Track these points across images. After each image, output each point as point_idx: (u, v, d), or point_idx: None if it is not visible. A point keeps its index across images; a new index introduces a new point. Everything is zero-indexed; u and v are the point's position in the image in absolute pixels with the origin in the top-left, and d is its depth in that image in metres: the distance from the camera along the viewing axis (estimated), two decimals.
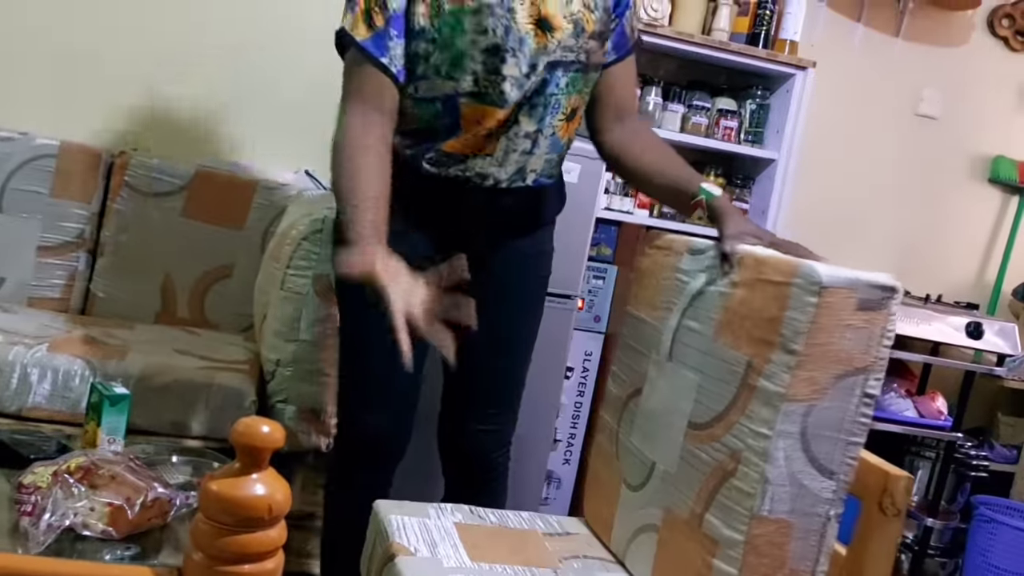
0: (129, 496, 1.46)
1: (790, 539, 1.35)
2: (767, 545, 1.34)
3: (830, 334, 1.34)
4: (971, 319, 3.05)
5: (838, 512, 1.37)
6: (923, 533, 3.26)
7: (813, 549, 1.36)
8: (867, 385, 1.37)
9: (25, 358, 2.04)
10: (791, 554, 1.35)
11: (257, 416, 0.97)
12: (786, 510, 1.34)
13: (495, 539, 1.68)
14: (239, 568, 0.94)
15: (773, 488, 1.33)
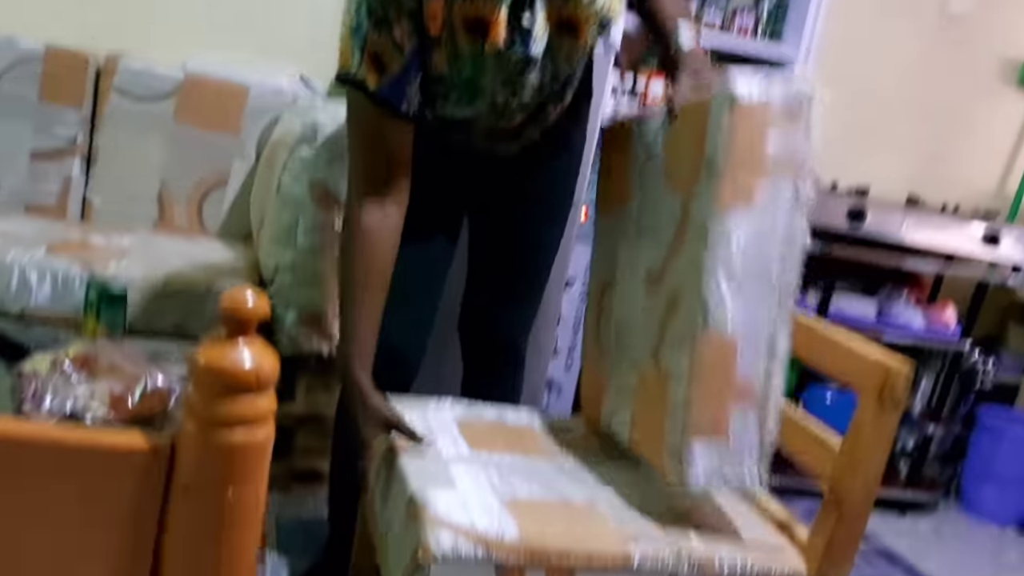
0: (129, 384, 1.47)
1: (736, 355, 1.37)
2: (713, 364, 1.37)
3: (751, 146, 1.34)
4: (988, 227, 3.03)
5: (784, 321, 1.40)
6: (923, 440, 3.28)
7: (761, 363, 1.39)
8: (797, 190, 1.37)
9: (23, 260, 2.04)
10: (739, 370, 1.38)
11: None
12: (728, 327, 1.37)
13: (494, 432, 1.69)
14: (231, 434, 0.94)
15: (713, 307, 1.36)
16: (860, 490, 1.42)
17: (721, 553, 1.39)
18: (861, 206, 2.86)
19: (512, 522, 1.34)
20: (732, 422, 1.40)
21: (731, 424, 1.40)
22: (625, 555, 1.34)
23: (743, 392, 1.39)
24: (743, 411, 1.40)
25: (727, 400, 1.39)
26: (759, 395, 1.40)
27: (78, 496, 0.95)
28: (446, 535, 1.29)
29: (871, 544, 2.90)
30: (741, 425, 1.40)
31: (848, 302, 3.09)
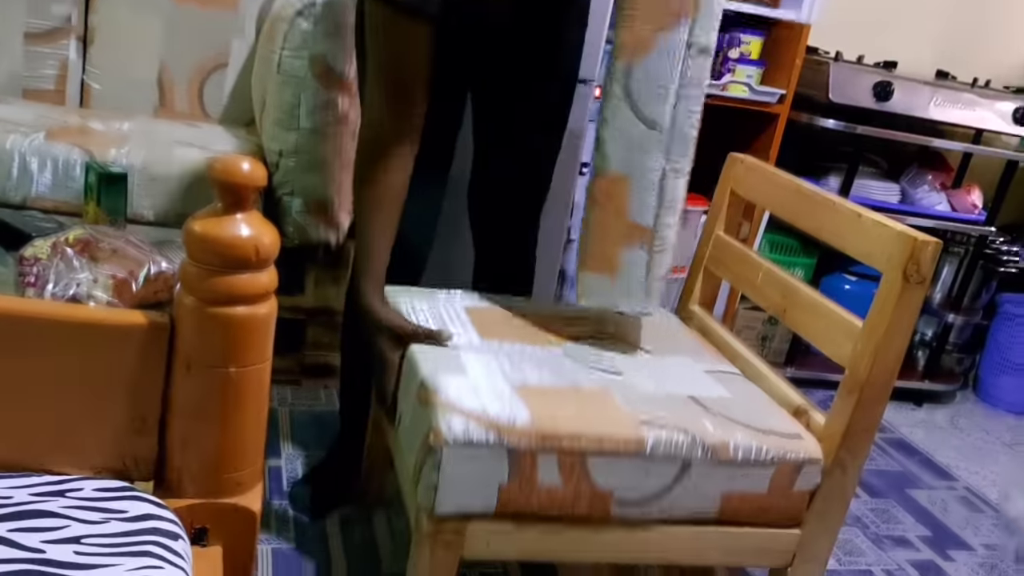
0: (132, 269, 1.44)
1: (627, 197, 1.50)
2: (605, 203, 1.51)
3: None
4: (1020, 104, 2.92)
5: (677, 171, 1.51)
6: (942, 329, 3.25)
7: (651, 207, 1.51)
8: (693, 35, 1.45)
9: (23, 146, 1.99)
10: (629, 212, 1.51)
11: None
12: (618, 169, 1.49)
13: (504, 321, 1.66)
14: (231, 310, 0.91)
15: (608, 151, 1.49)
16: (880, 371, 1.39)
17: (736, 438, 1.37)
18: (888, 81, 2.76)
19: (523, 407, 1.32)
20: (621, 259, 1.53)
21: (621, 261, 1.53)
22: (639, 439, 1.32)
23: (633, 232, 1.52)
24: (632, 249, 1.53)
25: (617, 239, 1.53)
26: (650, 237, 1.52)
27: (80, 371, 0.92)
28: (458, 420, 1.27)
29: (887, 435, 2.90)
30: (630, 264, 1.54)
31: (871, 185, 3.03)
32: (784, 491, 1.42)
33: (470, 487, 1.28)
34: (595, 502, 1.34)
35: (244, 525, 1.01)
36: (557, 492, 1.32)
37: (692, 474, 1.35)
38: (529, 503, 1.32)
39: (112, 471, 0.98)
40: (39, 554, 0.80)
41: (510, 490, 1.30)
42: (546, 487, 1.31)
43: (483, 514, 1.31)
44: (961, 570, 2.17)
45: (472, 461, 1.27)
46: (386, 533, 1.89)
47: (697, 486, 1.37)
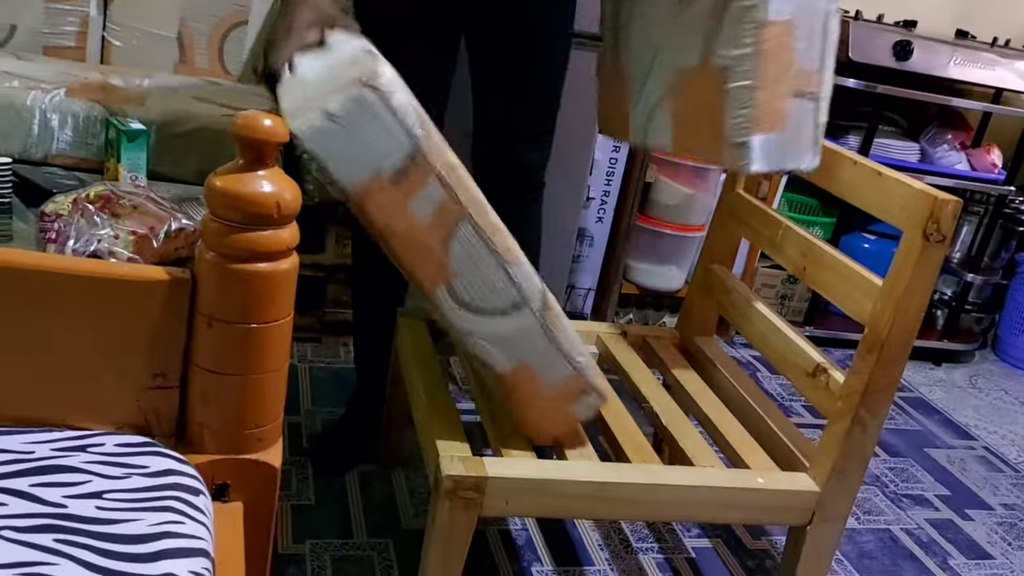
0: (153, 225, 1.44)
1: (794, 39, 1.41)
2: (775, 48, 1.40)
3: None
4: None
5: (837, 7, 1.45)
6: (962, 288, 3.23)
7: (817, 48, 1.44)
8: None
9: (43, 103, 1.99)
10: (798, 57, 1.43)
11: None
12: (789, 9, 1.39)
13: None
14: (253, 266, 0.91)
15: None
16: (900, 330, 1.38)
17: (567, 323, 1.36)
18: (907, 41, 2.73)
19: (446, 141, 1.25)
20: (791, 113, 1.45)
21: (790, 116, 1.45)
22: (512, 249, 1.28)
23: (802, 80, 1.44)
24: (802, 100, 1.45)
25: (786, 89, 1.43)
26: (816, 82, 1.45)
27: (102, 326, 0.93)
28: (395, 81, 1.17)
29: (906, 394, 2.89)
30: (799, 115, 1.45)
31: (890, 144, 3.00)
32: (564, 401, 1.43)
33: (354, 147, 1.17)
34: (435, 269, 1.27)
35: (265, 481, 1.01)
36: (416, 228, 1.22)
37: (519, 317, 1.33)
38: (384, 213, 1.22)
39: (133, 426, 0.99)
40: (61, 509, 0.81)
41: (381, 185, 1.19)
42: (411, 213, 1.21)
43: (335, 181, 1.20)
44: (980, 529, 2.18)
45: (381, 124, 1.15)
46: (404, 490, 1.91)
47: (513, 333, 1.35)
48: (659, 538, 1.91)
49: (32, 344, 0.92)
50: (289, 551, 1.67)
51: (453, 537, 1.34)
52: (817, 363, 1.53)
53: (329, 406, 2.15)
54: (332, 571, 1.64)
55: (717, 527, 1.99)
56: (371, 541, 1.74)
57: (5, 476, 0.83)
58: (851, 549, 2.00)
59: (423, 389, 1.55)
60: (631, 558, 1.83)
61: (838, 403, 1.45)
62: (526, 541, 1.82)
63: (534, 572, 1.74)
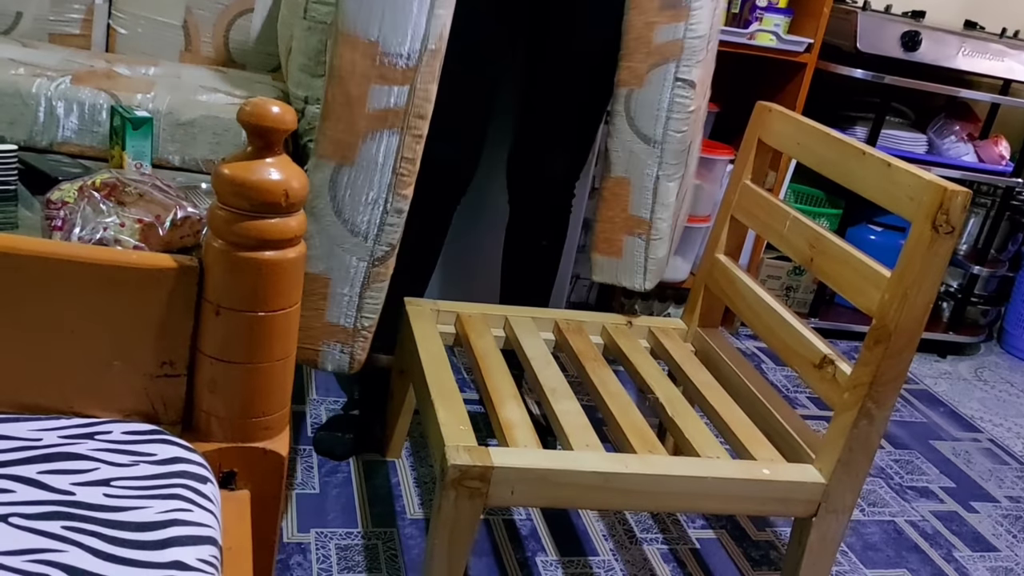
0: (159, 214, 1.44)
1: (628, 195, 1.81)
2: (613, 200, 1.82)
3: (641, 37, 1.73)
4: None
5: (669, 176, 1.79)
6: (968, 281, 3.22)
7: (648, 205, 1.80)
8: (679, 72, 1.73)
9: (49, 90, 1.99)
10: (631, 207, 1.82)
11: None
12: (621, 173, 1.80)
13: None
14: (260, 254, 0.91)
15: (613, 159, 1.80)
16: (908, 321, 1.38)
17: None
18: (915, 31, 2.71)
19: None
20: (625, 246, 1.85)
21: (624, 246, 1.85)
22: None
23: (633, 223, 1.82)
24: (633, 238, 1.83)
25: (620, 228, 1.84)
26: (646, 227, 1.82)
27: (110, 314, 0.92)
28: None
29: (911, 386, 2.89)
30: (631, 248, 1.84)
31: (897, 135, 2.99)
32: None
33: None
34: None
35: (272, 469, 1.01)
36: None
37: None
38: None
39: (141, 414, 0.98)
40: (69, 496, 0.81)
41: None
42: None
43: None
44: (985, 522, 2.17)
45: None
46: (409, 480, 1.91)
47: None
48: (663, 529, 1.91)
49: (40, 332, 0.92)
50: (294, 539, 1.67)
51: (458, 526, 1.34)
52: (824, 354, 1.53)
53: (333, 396, 2.15)
54: (337, 560, 1.64)
55: (722, 518, 1.99)
56: (376, 530, 1.74)
57: (13, 463, 0.83)
58: (856, 541, 2.00)
59: (428, 378, 1.55)
60: (635, 549, 1.83)
61: (845, 395, 1.45)
62: (530, 531, 1.83)
63: (538, 562, 1.74)
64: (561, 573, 1.72)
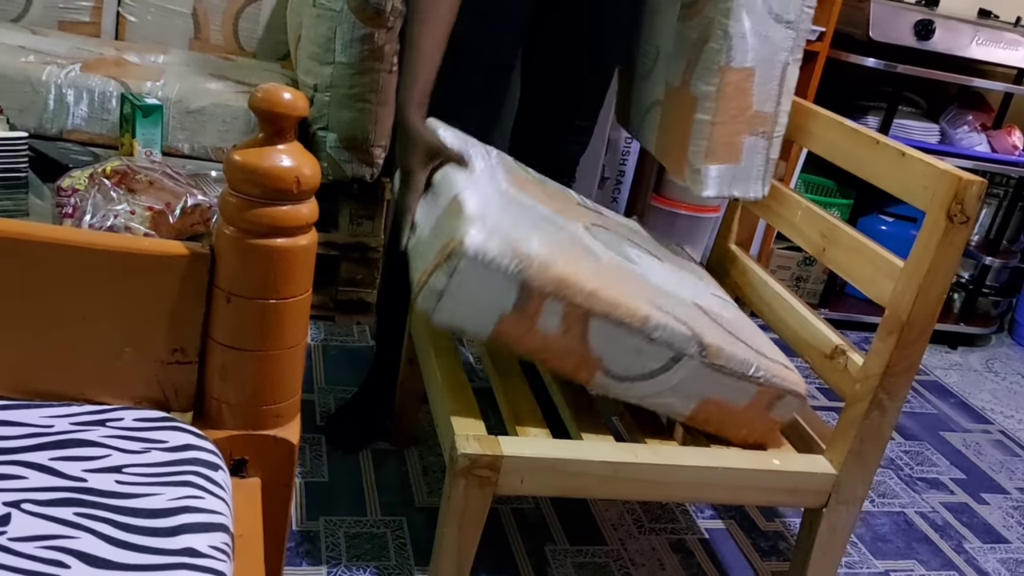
0: (169, 201, 1.44)
1: (753, 87, 1.59)
2: (734, 92, 1.58)
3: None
4: None
5: (796, 59, 1.63)
6: (979, 272, 3.21)
7: (774, 94, 1.62)
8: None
9: (59, 78, 1.99)
10: (755, 101, 1.61)
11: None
12: (750, 59, 1.57)
13: (533, 184, 1.62)
14: (272, 241, 0.90)
15: (735, 41, 1.55)
16: (921, 312, 1.37)
17: (731, 347, 1.38)
18: (929, 20, 2.70)
19: (547, 249, 1.31)
20: (745, 148, 1.63)
21: (744, 150, 1.63)
22: (644, 316, 1.32)
23: (757, 120, 1.62)
24: (755, 138, 1.63)
25: (743, 127, 1.61)
26: (770, 123, 1.63)
27: (121, 301, 0.92)
28: (485, 236, 1.25)
29: (921, 377, 2.88)
30: (752, 150, 1.64)
31: (910, 125, 2.97)
32: (760, 412, 1.43)
33: (473, 305, 1.27)
34: (583, 363, 1.35)
35: (283, 457, 1.01)
36: (551, 340, 1.32)
37: (682, 367, 1.36)
38: (521, 342, 1.31)
39: (152, 401, 0.98)
40: (81, 483, 0.81)
41: (508, 322, 1.29)
42: (542, 332, 1.30)
43: (474, 336, 1.31)
44: (995, 513, 2.17)
45: (485, 279, 1.25)
46: (418, 469, 1.91)
47: (682, 380, 1.38)
48: (672, 518, 1.91)
49: (51, 318, 0.92)
50: (303, 527, 1.68)
51: (468, 515, 1.34)
52: (836, 345, 1.52)
53: (343, 384, 2.15)
54: (346, 547, 1.65)
55: (731, 508, 1.98)
56: (385, 518, 1.74)
57: (25, 450, 0.83)
58: (865, 532, 1.99)
59: (438, 368, 1.54)
60: (644, 538, 1.83)
61: (856, 385, 1.44)
62: (539, 520, 1.82)
63: (547, 551, 1.74)
64: (570, 562, 1.72)
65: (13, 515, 0.75)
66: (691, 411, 1.41)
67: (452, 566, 1.36)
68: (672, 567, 1.76)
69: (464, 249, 1.23)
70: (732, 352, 1.38)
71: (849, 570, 1.85)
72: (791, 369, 1.46)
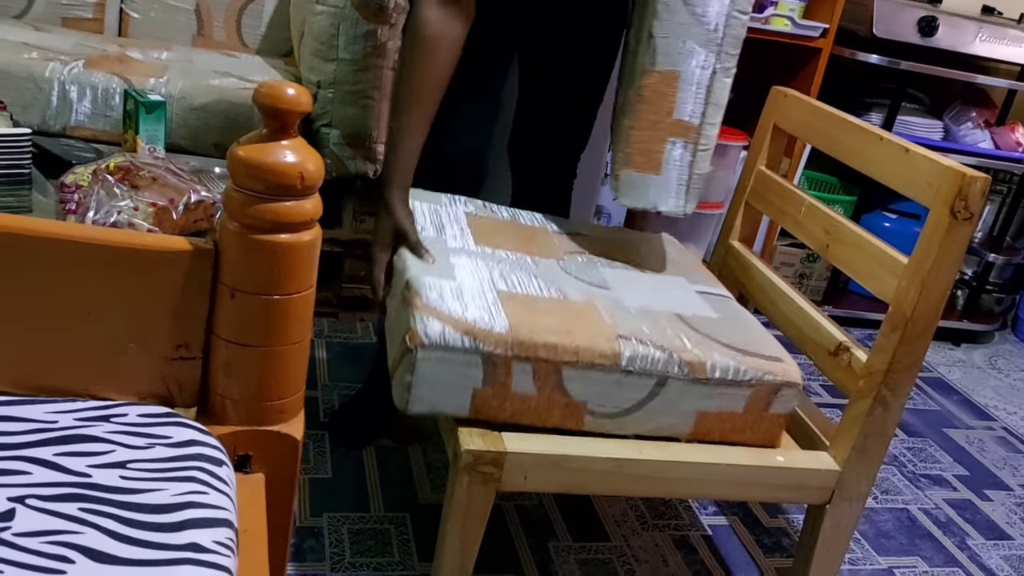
0: (172, 198, 1.44)
1: (676, 93, 1.51)
2: (654, 99, 1.51)
3: None
4: None
5: (725, 72, 1.53)
6: (983, 269, 3.21)
7: (699, 106, 1.53)
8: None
9: (62, 74, 1.99)
10: (677, 109, 1.52)
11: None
12: (670, 67, 1.50)
13: (503, 230, 1.65)
14: (275, 237, 0.90)
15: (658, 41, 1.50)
16: (925, 308, 1.37)
17: (714, 357, 1.37)
18: (932, 16, 2.69)
19: (503, 314, 1.32)
20: (666, 157, 1.54)
21: (664, 158, 1.54)
22: (614, 352, 1.32)
23: (678, 129, 1.53)
24: (677, 147, 1.54)
25: (663, 134, 1.53)
26: (694, 134, 1.54)
27: (125, 297, 0.92)
28: (435, 323, 1.28)
29: (925, 374, 2.88)
30: (673, 160, 1.54)
31: (913, 121, 2.97)
32: (759, 413, 1.42)
33: (444, 389, 1.29)
34: (569, 411, 1.35)
35: (287, 452, 1.01)
36: (531, 399, 1.33)
37: (668, 390, 1.36)
38: (503, 409, 1.32)
39: (156, 397, 0.98)
40: (85, 478, 0.81)
41: (484, 395, 1.30)
42: (520, 394, 1.32)
43: (457, 416, 1.32)
44: (998, 510, 2.17)
45: (446, 364, 1.28)
46: (422, 465, 1.91)
47: (672, 402, 1.37)
48: (675, 515, 1.91)
49: (55, 314, 0.92)
50: (307, 523, 1.68)
51: (471, 511, 1.34)
52: (840, 341, 1.52)
53: (346, 381, 2.15)
54: (349, 544, 1.65)
55: (734, 505, 1.98)
56: (388, 515, 1.74)
57: (29, 445, 0.83)
58: (868, 528, 1.99)
59: None
60: (647, 534, 1.83)
61: (860, 382, 1.44)
62: (542, 516, 1.82)
63: (550, 547, 1.74)
64: (573, 558, 1.72)
65: (17, 510, 0.75)
66: (691, 428, 1.41)
67: (455, 562, 1.36)
68: (675, 563, 1.76)
69: (418, 342, 1.26)
70: (715, 361, 1.37)
71: (852, 566, 1.85)
72: (780, 359, 1.44)
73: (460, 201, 1.73)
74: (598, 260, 1.62)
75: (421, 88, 1.53)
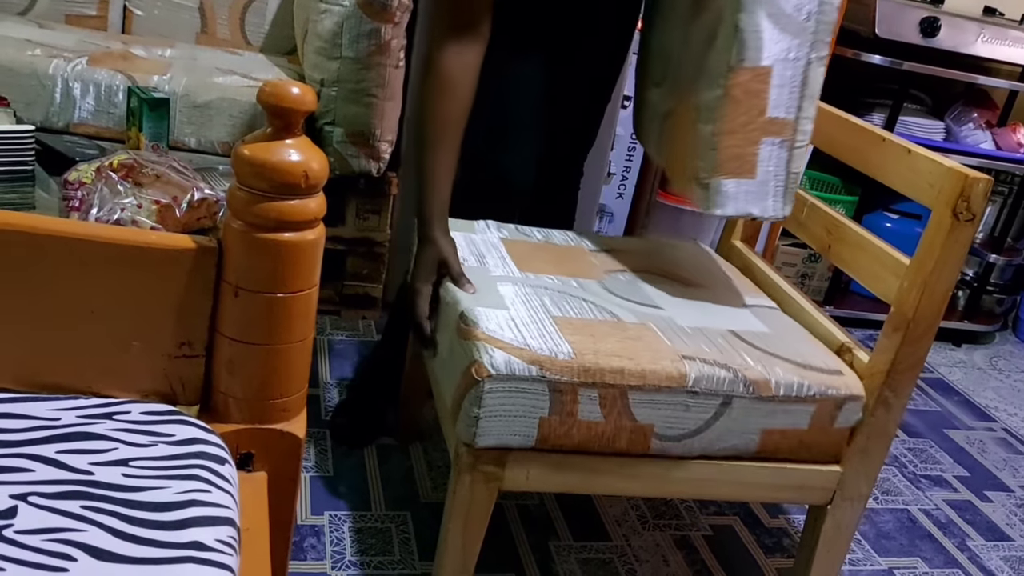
0: (176, 195, 1.44)
1: (769, 89, 1.40)
2: (744, 95, 1.40)
3: None
4: None
5: (820, 60, 1.42)
6: (984, 269, 3.20)
7: (795, 98, 1.42)
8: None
9: (65, 71, 1.99)
10: (771, 105, 1.41)
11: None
12: (762, 60, 1.38)
13: (541, 253, 1.66)
14: (279, 236, 0.90)
15: (747, 36, 1.37)
16: (927, 309, 1.37)
17: (777, 374, 1.36)
18: (934, 17, 2.69)
19: (565, 341, 1.31)
20: (760, 158, 1.43)
21: (759, 160, 1.43)
22: (680, 374, 1.31)
23: (773, 128, 1.42)
24: (772, 148, 1.43)
25: (757, 135, 1.41)
26: (790, 131, 1.43)
27: (128, 294, 0.92)
28: (500, 353, 1.27)
29: (925, 375, 2.88)
30: (769, 160, 1.43)
31: (915, 122, 2.97)
32: (824, 427, 1.41)
33: (511, 421, 1.29)
34: (635, 436, 1.34)
35: (289, 451, 1.01)
36: (597, 426, 1.32)
37: (733, 409, 1.35)
38: (569, 437, 1.32)
39: (159, 395, 0.99)
40: (88, 476, 0.81)
41: (550, 423, 1.30)
42: (586, 421, 1.31)
43: (523, 447, 1.31)
44: (999, 511, 2.17)
45: (514, 395, 1.27)
46: (423, 464, 1.91)
47: (738, 421, 1.36)
48: (676, 515, 1.91)
49: (58, 312, 0.92)
50: (308, 522, 1.68)
51: (473, 511, 1.34)
52: (842, 342, 1.52)
53: (348, 379, 2.15)
54: (350, 542, 1.65)
55: (735, 505, 1.98)
56: (389, 513, 1.74)
57: (32, 443, 0.83)
58: (869, 529, 1.99)
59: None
60: (648, 534, 1.83)
61: (862, 383, 1.44)
62: (544, 516, 1.83)
63: (551, 547, 1.74)
64: (574, 558, 1.72)
65: (20, 508, 0.75)
66: (757, 445, 1.40)
67: (457, 561, 1.36)
68: (676, 563, 1.76)
69: (485, 374, 1.25)
70: (779, 378, 1.36)
71: (853, 567, 1.85)
72: (841, 372, 1.43)
73: (493, 227, 1.73)
74: (638, 277, 1.62)
75: (448, 123, 1.53)
